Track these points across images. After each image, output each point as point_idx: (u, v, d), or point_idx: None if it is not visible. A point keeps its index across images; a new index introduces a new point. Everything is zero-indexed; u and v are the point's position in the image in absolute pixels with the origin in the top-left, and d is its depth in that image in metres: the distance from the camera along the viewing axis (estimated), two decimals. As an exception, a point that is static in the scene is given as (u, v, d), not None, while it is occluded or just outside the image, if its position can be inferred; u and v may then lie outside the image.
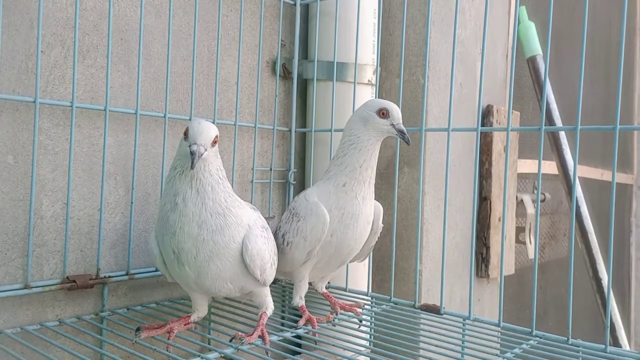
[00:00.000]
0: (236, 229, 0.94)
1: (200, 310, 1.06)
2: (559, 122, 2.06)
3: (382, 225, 1.17)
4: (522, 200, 2.04)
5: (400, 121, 1.08)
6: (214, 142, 0.91)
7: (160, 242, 0.97)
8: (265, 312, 1.04)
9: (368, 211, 1.11)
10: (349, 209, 1.08)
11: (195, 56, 1.24)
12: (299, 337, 1.11)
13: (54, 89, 1.07)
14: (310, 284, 1.19)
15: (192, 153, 0.87)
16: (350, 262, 1.21)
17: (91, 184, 1.12)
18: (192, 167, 0.87)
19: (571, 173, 2.06)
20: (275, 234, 1.13)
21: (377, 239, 1.19)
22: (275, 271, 1.05)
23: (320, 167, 1.46)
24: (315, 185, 1.14)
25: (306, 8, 1.53)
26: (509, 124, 1.12)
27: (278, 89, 1.47)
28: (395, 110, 1.07)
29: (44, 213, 1.06)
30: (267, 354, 0.97)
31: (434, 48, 1.51)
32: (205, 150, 0.89)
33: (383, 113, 1.06)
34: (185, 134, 0.90)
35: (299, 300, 1.14)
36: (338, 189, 1.08)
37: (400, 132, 1.07)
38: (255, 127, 1.39)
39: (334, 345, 1.04)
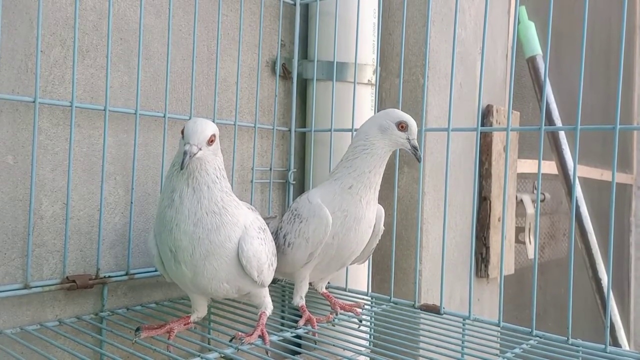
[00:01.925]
0: (232, 228, 0.94)
1: (200, 310, 1.06)
2: (558, 122, 2.06)
3: (383, 228, 1.17)
4: (521, 200, 2.04)
5: (416, 137, 1.08)
6: (211, 141, 0.90)
7: (159, 240, 0.97)
8: (264, 312, 1.04)
9: (371, 215, 1.11)
10: (352, 211, 1.08)
11: (195, 56, 1.24)
12: (298, 337, 1.11)
13: (53, 88, 1.07)
14: (310, 284, 1.19)
15: (184, 153, 0.87)
16: (350, 264, 1.21)
17: (91, 184, 1.12)
18: (181, 168, 0.87)
19: (571, 173, 2.06)
20: (276, 235, 1.13)
21: (377, 242, 1.19)
22: (273, 272, 1.05)
23: (320, 167, 1.46)
24: (319, 186, 1.14)
25: (306, 8, 1.53)
26: (509, 124, 1.12)
27: (278, 88, 1.47)
28: (414, 126, 1.08)
29: (43, 213, 1.06)
30: (267, 353, 0.97)
31: (434, 48, 1.51)
32: (200, 149, 0.88)
33: (402, 126, 1.07)
34: (183, 132, 0.90)
35: (300, 300, 1.14)
36: (344, 190, 1.08)
37: (414, 148, 1.08)
38: (255, 127, 1.39)
39: (333, 345, 1.04)
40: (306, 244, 1.08)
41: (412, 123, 1.08)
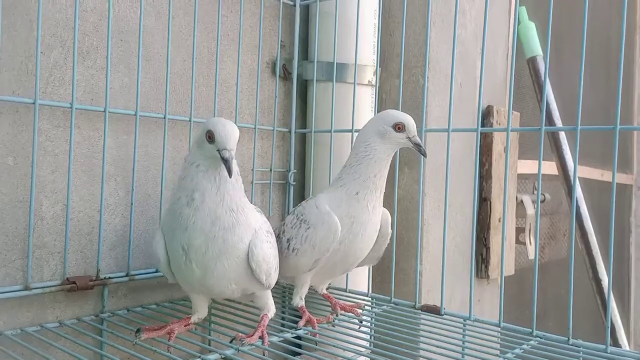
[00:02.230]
0: (245, 229, 0.95)
1: (201, 311, 1.06)
2: (559, 122, 2.05)
3: (391, 231, 1.17)
4: (522, 201, 2.04)
5: (416, 133, 1.08)
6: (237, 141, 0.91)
7: (169, 239, 0.97)
8: (266, 314, 1.04)
9: (376, 220, 1.11)
10: (360, 217, 1.08)
11: (195, 57, 1.24)
12: (299, 337, 1.11)
13: (53, 90, 1.07)
14: (310, 285, 1.19)
15: (226, 160, 0.86)
16: (358, 266, 1.21)
17: (91, 186, 1.12)
18: (230, 176, 0.87)
19: (571, 173, 2.05)
20: (277, 238, 1.12)
21: (387, 245, 1.19)
22: (277, 274, 1.05)
23: (320, 168, 1.46)
24: (324, 191, 1.13)
25: (306, 9, 1.53)
26: (509, 125, 1.12)
27: (278, 89, 1.47)
28: (411, 124, 1.07)
29: (44, 214, 1.06)
30: (263, 354, 0.97)
31: (434, 48, 1.51)
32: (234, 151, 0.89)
33: (399, 127, 1.06)
34: (210, 137, 0.88)
35: (299, 300, 1.14)
36: (350, 197, 1.07)
37: (417, 145, 1.07)
38: (255, 128, 1.39)
39: (334, 346, 1.04)
40: (312, 251, 1.08)
41: (409, 121, 1.07)
